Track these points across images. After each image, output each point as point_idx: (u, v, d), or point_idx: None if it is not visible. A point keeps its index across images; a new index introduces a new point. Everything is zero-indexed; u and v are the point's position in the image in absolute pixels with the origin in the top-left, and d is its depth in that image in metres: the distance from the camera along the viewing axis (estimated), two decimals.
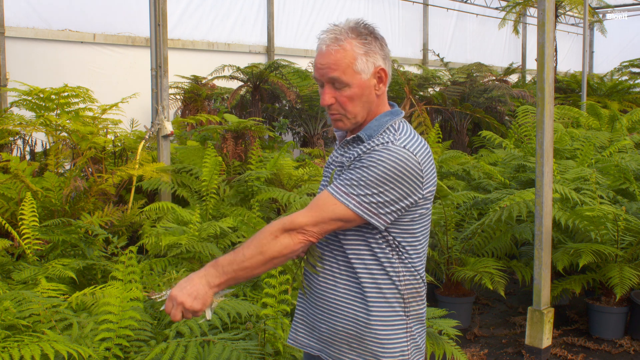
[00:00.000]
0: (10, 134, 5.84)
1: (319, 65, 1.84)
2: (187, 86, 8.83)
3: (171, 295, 1.73)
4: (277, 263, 1.77)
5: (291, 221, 1.74)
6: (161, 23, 5.49)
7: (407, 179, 1.77)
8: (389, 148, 1.77)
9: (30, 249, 3.82)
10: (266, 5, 10.39)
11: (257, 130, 6.66)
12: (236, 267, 1.73)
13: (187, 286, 1.72)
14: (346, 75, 1.81)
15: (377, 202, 1.75)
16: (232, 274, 1.73)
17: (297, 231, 1.74)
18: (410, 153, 1.78)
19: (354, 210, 1.75)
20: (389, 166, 1.75)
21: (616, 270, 4.41)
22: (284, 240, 1.73)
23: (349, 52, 1.81)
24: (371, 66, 1.84)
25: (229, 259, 1.74)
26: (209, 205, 5.36)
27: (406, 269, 1.86)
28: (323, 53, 1.83)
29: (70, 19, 7.89)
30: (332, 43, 1.82)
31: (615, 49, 17.48)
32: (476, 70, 10.51)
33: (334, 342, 1.89)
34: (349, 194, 1.75)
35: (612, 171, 5.57)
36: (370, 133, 1.85)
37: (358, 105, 1.85)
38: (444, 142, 8.49)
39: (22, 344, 2.28)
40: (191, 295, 1.71)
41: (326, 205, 1.76)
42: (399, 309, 1.85)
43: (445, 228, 4.84)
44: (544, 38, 4.17)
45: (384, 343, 1.84)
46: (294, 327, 2.02)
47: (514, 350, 4.49)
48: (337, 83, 1.83)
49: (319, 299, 1.91)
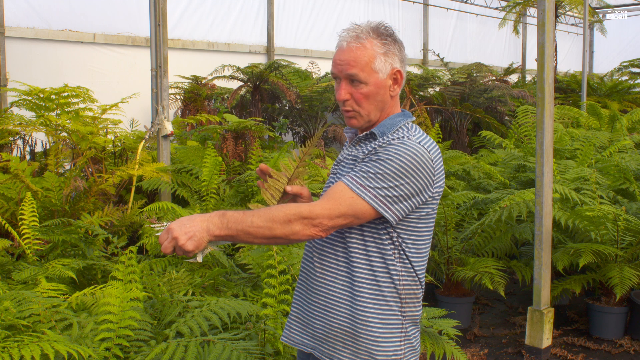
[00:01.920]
0: (10, 134, 5.84)
1: (338, 61, 1.87)
2: (187, 86, 8.83)
3: (169, 228, 1.72)
4: (279, 242, 1.78)
5: (310, 211, 1.74)
6: (161, 23, 5.49)
7: (421, 174, 1.79)
8: (405, 142, 1.80)
9: (30, 249, 3.82)
10: (266, 5, 10.39)
11: (257, 130, 6.66)
12: (240, 227, 1.72)
13: (187, 224, 1.71)
14: (364, 72, 1.84)
15: (392, 196, 1.77)
16: (234, 232, 1.72)
17: (311, 222, 1.74)
18: (425, 149, 1.81)
19: (370, 203, 1.76)
20: (406, 160, 1.77)
21: (616, 270, 4.41)
22: (295, 227, 1.73)
23: (368, 50, 1.84)
24: (389, 67, 1.87)
25: (237, 218, 1.73)
26: (209, 205, 5.37)
27: (406, 270, 1.87)
28: (343, 49, 1.86)
29: (70, 19, 7.89)
30: (352, 40, 1.85)
31: (615, 49, 17.48)
32: (476, 70, 10.52)
33: (328, 339, 1.89)
34: (365, 186, 1.76)
35: (612, 171, 5.57)
36: (384, 130, 1.88)
37: (372, 103, 1.88)
38: (444, 142, 8.49)
39: (22, 344, 2.28)
40: (187, 234, 1.70)
41: (343, 197, 1.76)
42: (395, 309, 1.86)
43: (445, 228, 4.84)
44: (544, 38, 4.17)
45: (378, 341, 1.84)
46: (288, 324, 2.02)
47: (514, 350, 4.49)
48: (355, 80, 1.85)
49: (316, 294, 1.91)
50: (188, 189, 5.72)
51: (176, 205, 4.82)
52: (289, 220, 1.73)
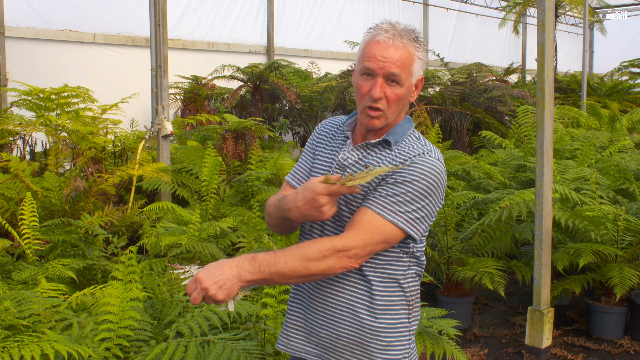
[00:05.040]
0: (10, 134, 5.84)
1: (380, 57, 1.77)
2: (187, 86, 8.83)
3: (197, 278, 1.66)
4: (313, 279, 1.75)
5: (344, 244, 1.71)
6: (161, 23, 5.49)
7: (440, 190, 1.80)
8: (428, 161, 1.77)
9: (30, 249, 3.82)
10: (266, 5, 10.39)
11: (257, 130, 6.65)
12: (274, 270, 1.67)
13: (216, 273, 1.65)
14: (405, 74, 1.79)
15: (421, 217, 1.77)
16: (267, 275, 1.67)
17: (346, 254, 1.71)
18: (442, 165, 1.80)
19: (403, 227, 1.75)
20: (431, 179, 1.76)
21: (616, 270, 4.41)
22: (330, 262, 1.70)
23: (410, 53, 1.80)
24: (420, 72, 1.85)
25: (269, 260, 1.68)
26: (209, 205, 5.36)
27: (411, 277, 1.87)
28: (388, 46, 1.77)
29: (70, 19, 7.89)
30: (395, 39, 1.78)
31: (615, 49, 17.48)
32: (476, 70, 10.52)
33: (334, 347, 1.86)
34: (396, 212, 1.74)
35: (612, 171, 5.57)
36: (397, 139, 1.84)
37: (399, 106, 1.84)
38: (444, 142, 8.48)
39: (22, 344, 2.28)
40: (217, 283, 1.64)
41: (374, 226, 1.73)
42: (403, 316, 1.86)
43: (445, 228, 4.84)
44: (544, 38, 4.17)
45: (387, 348, 1.83)
46: (285, 332, 1.97)
47: (514, 350, 4.49)
48: (394, 80, 1.79)
49: (320, 304, 1.88)
50: (188, 189, 5.72)
51: (176, 205, 4.82)
52: (323, 256, 1.69)
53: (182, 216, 4.62)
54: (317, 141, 2.00)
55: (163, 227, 4.39)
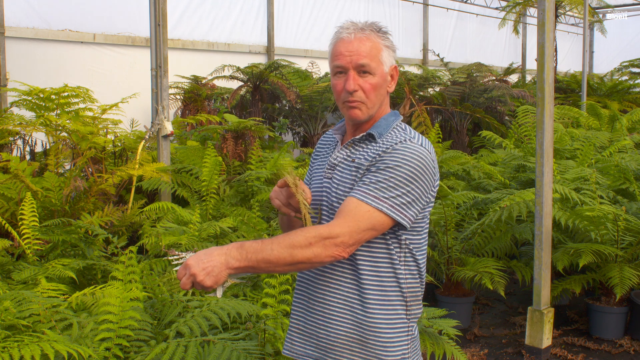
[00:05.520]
0: (10, 134, 5.84)
1: (345, 52, 1.84)
2: (187, 86, 8.83)
3: (186, 264, 1.69)
4: (301, 268, 1.74)
5: (329, 231, 1.71)
6: (161, 23, 5.49)
7: (426, 176, 1.80)
8: (409, 147, 1.79)
9: (30, 249, 3.82)
10: (266, 5, 10.39)
11: (257, 130, 6.65)
12: (261, 257, 1.69)
13: (205, 259, 1.68)
14: (374, 62, 1.84)
15: (406, 202, 1.77)
16: (254, 262, 1.69)
17: (333, 242, 1.71)
18: (427, 151, 1.81)
19: (388, 213, 1.75)
20: (414, 164, 1.77)
21: (616, 270, 4.41)
22: (316, 249, 1.70)
23: (375, 42, 1.85)
24: (391, 61, 1.89)
25: (256, 247, 1.69)
26: (209, 205, 5.36)
27: (410, 273, 1.87)
28: (351, 40, 1.84)
29: (70, 19, 7.89)
30: (357, 32, 1.85)
31: (615, 49, 17.47)
32: (476, 70, 10.52)
33: (333, 347, 1.86)
34: (380, 197, 1.75)
35: (612, 171, 5.57)
36: (381, 131, 1.87)
37: (378, 95, 1.87)
38: (444, 142, 8.48)
39: (22, 344, 2.28)
40: (205, 269, 1.66)
41: (359, 213, 1.73)
42: (401, 312, 1.86)
43: (445, 228, 4.84)
44: (544, 38, 4.17)
45: (386, 345, 1.83)
46: (289, 336, 1.98)
47: (514, 350, 4.49)
48: (365, 70, 1.84)
49: (318, 303, 1.89)
50: (188, 189, 5.72)
51: (176, 205, 4.82)
52: (309, 243, 1.69)
53: (182, 216, 4.62)
54: (315, 155, 2.08)
55: (163, 227, 4.39)
